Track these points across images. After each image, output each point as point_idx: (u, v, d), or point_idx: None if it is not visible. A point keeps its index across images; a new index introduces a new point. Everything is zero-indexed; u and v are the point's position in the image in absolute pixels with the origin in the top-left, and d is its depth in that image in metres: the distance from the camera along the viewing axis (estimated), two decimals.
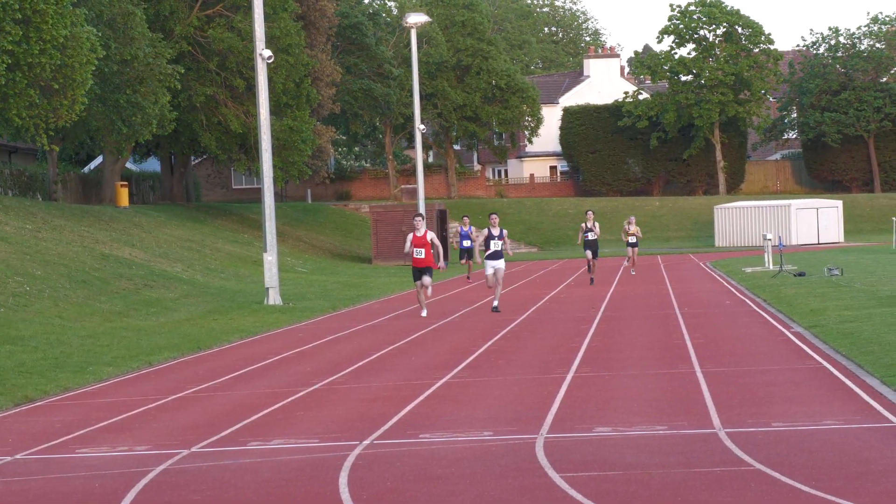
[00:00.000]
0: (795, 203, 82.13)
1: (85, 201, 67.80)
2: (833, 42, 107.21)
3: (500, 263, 31.25)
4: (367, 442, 13.70)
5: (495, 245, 31.25)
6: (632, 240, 47.73)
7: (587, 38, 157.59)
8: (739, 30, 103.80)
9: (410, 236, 30.26)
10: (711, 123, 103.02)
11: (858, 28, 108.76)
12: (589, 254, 42.45)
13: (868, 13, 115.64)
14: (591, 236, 42.43)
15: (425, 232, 30.13)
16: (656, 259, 64.24)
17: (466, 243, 47.77)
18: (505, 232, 31.41)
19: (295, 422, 15.53)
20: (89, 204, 64.45)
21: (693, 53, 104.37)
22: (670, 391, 16.59)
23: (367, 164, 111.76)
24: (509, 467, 11.97)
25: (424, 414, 15.57)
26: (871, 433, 12.96)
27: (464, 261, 48.67)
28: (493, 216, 31.64)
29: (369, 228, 71.60)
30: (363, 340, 25.70)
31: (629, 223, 47.55)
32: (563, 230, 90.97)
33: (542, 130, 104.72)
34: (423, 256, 30.45)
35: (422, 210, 63.10)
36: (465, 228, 48.68)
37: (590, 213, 43.34)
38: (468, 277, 48.36)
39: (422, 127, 65.57)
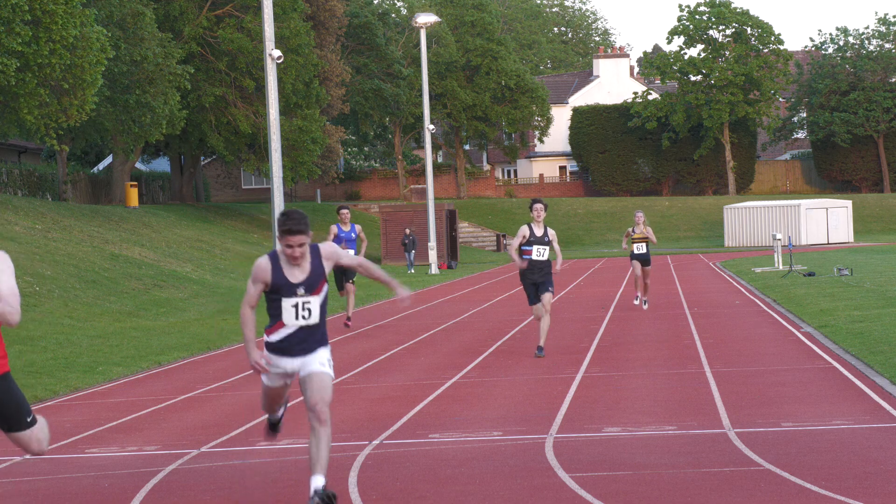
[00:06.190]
0: (805, 203, 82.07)
1: (95, 201, 67.90)
2: (842, 42, 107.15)
3: (317, 362, 11.58)
4: (376, 442, 13.70)
5: (304, 311, 11.17)
6: (639, 249, 29.99)
7: (597, 38, 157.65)
8: (749, 30, 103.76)
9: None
10: (721, 124, 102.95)
11: (867, 28, 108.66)
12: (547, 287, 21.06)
13: (876, 13, 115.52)
14: (536, 255, 20.94)
15: None
16: (666, 259, 64.19)
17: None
18: (328, 251, 10.77)
19: (304, 422, 15.51)
20: (99, 204, 64.53)
21: (702, 54, 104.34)
22: (680, 391, 16.57)
23: (377, 165, 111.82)
24: (519, 467, 11.96)
25: (434, 414, 15.56)
26: (881, 433, 12.94)
27: (341, 291, 28.36)
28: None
29: (379, 229, 71.61)
30: (372, 340, 25.69)
31: (636, 223, 30.26)
32: (572, 230, 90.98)
33: (551, 130, 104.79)
34: None
35: (431, 210, 62.90)
36: (347, 229, 27.27)
37: (538, 205, 20.77)
38: (348, 320, 28.53)
39: (431, 127, 65.54)
